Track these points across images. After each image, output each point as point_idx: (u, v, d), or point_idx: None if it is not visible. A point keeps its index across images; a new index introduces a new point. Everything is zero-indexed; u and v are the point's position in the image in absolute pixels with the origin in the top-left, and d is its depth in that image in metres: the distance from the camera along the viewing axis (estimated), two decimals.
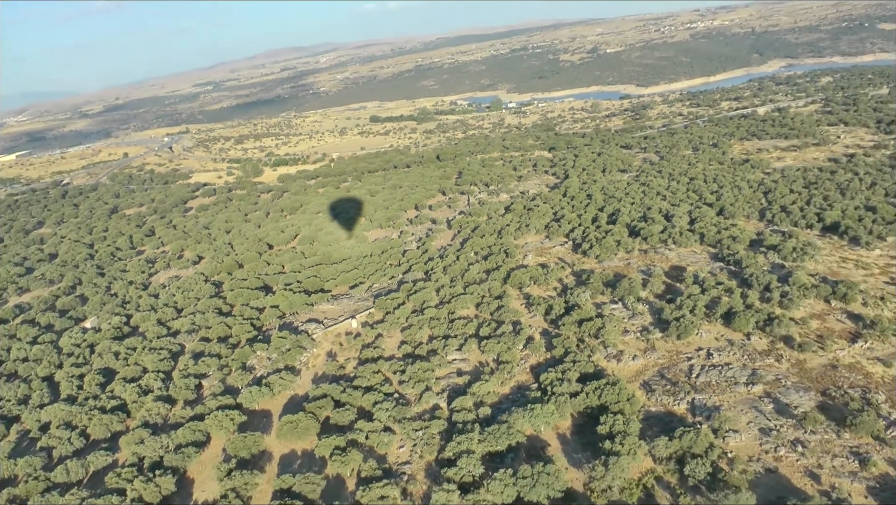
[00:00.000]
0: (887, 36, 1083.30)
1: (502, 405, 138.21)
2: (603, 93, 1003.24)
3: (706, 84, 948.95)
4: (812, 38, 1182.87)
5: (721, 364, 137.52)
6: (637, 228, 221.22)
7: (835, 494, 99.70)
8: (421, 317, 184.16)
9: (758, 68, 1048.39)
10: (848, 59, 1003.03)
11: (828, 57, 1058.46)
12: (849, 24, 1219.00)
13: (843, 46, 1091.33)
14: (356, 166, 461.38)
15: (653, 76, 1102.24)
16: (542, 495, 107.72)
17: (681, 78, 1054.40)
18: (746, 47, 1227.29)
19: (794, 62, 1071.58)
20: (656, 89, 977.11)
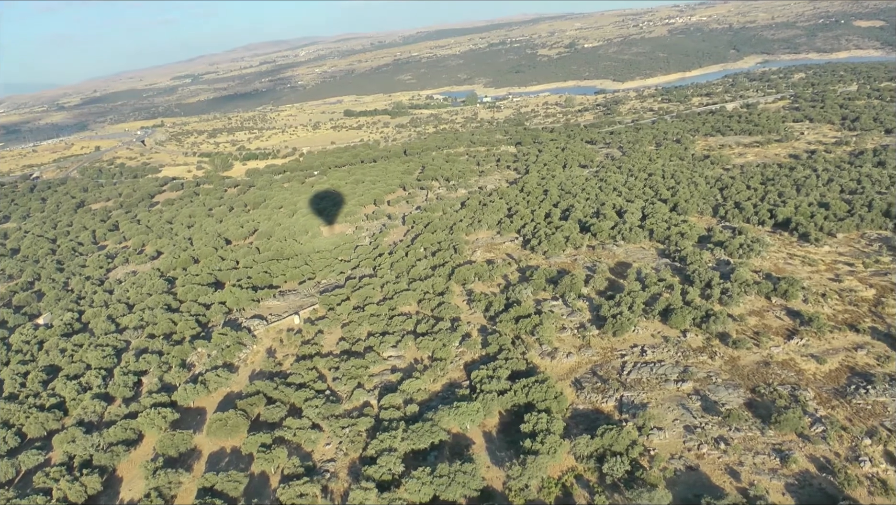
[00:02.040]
0: (862, 33, 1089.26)
1: (432, 403, 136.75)
2: (579, 88, 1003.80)
3: (682, 80, 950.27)
4: (788, 35, 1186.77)
5: (654, 361, 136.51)
6: (588, 224, 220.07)
7: (752, 491, 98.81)
8: (362, 313, 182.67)
9: (734, 64, 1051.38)
10: (823, 55, 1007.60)
11: (803, 53, 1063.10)
12: (825, 21, 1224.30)
13: (819, 43, 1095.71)
14: (324, 161, 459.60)
15: (629, 71, 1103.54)
16: (457, 494, 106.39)
17: (657, 73, 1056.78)
18: (723, 43, 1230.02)
19: (770, 58, 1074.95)
20: (632, 84, 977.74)
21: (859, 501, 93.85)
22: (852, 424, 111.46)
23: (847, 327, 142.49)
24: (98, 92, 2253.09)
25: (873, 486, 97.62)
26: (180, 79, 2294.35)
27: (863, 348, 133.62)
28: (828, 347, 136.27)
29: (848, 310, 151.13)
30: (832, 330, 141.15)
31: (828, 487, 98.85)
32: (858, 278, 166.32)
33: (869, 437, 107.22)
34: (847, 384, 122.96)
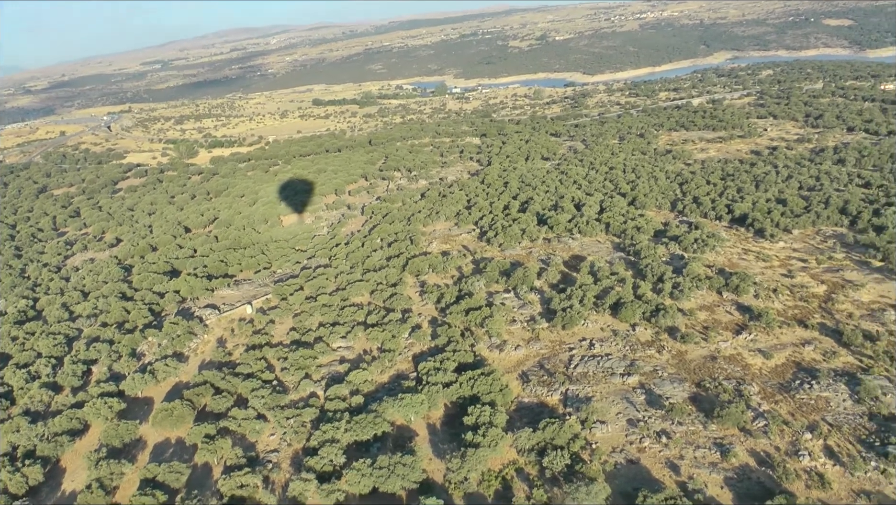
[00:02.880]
0: (831, 31, 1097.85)
1: (378, 394, 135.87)
2: (549, 80, 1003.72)
3: (651, 74, 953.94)
4: (759, 32, 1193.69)
5: (601, 355, 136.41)
6: (546, 217, 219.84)
7: (690, 485, 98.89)
8: (314, 303, 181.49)
9: (704, 60, 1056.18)
10: (792, 52, 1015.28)
11: (773, 50, 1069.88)
12: (795, 19, 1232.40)
13: (788, 40, 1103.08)
14: (289, 150, 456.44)
15: (599, 65, 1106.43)
16: (397, 486, 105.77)
17: (627, 67, 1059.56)
18: (694, 39, 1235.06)
19: (739, 54, 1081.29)
20: (601, 78, 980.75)
21: (796, 495, 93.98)
22: (794, 419, 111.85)
23: (796, 323, 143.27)
24: (66, 76, 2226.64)
25: (811, 479, 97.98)
26: (150, 64, 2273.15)
27: (810, 344, 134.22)
28: (776, 342, 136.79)
29: (798, 305, 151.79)
30: (781, 325, 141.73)
31: (766, 480, 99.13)
32: (811, 274, 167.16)
33: (810, 431, 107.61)
34: (792, 379, 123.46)
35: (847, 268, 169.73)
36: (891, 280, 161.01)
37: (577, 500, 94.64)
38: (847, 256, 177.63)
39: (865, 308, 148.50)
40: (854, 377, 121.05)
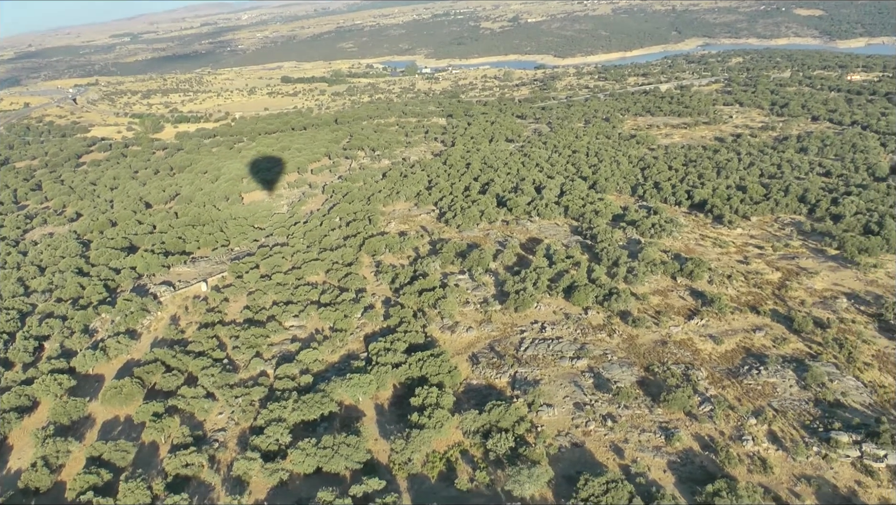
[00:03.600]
0: (802, 21, 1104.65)
1: (328, 374, 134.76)
2: (520, 62, 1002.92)
3: (622, 59, 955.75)
4: (730, 19, 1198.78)
5: (552, 338, 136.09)
6: (505, 199, 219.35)
7: (633, 468, 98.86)
8: (269, 282, 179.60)
9: (675, 46, 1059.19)
10: (763, 41, 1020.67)
11: (744, 38, 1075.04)
12: (766, 8, 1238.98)
13: (759, 28, 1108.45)
14: (255, 127, 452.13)
15: (570, 48, 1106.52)
16: (340, 466, 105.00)
17: (598, 51, 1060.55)
18: (666, 25, 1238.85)
19: (711, 41, 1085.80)
20: (572, 61, 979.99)
21: (737, 479, 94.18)
22: (741, 404, 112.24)
23: (748, 309, 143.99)
24: (33, 47, 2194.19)
25: (753, 464, 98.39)
26: (119, 37, 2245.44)
27: (761, 330, 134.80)
28: (727, 327, 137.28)
29: (752, 292, 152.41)
30: (733, 311, 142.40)
31: (709, 464, 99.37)
32: (766, 261, 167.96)
33: (755, 416, 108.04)
34: (741, 365, 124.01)
35: (803, 255, 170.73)
36: (845, 268, 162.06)
37: (518, 483, 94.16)
38: (803, 244, 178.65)
39: (818, 295, 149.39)
40: (802, 364, 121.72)
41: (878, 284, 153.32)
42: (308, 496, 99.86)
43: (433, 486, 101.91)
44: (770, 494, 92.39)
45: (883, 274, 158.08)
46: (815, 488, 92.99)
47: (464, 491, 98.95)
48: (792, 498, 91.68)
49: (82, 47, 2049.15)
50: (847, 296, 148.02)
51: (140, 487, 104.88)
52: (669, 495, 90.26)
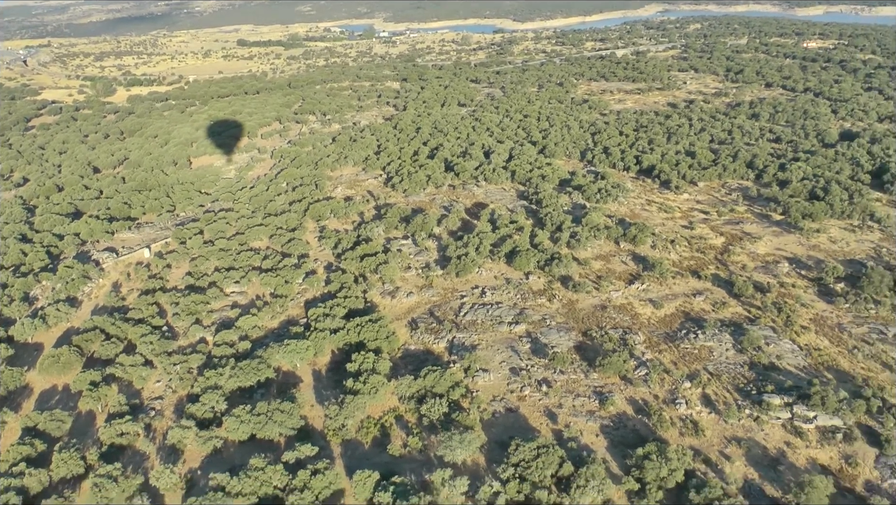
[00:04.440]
0: None
1: (266, 340, 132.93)
2: (479, 26, 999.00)
3: (582, 24, 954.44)
4: None
5: (492, 303, 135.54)
6: (453, 164, 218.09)
7: (566, 432, 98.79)
8: (212, 248, 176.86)
9: (635, 11, 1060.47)
10: (722, 7, 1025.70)
11: (703, 4, 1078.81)
12: None
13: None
14: (208, 91, 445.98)
15: (530, 12, 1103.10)
16: (274, 433, 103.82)
17: (557, 16, 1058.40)
18: None
19: (670, 7, 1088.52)
20: (531, 25, 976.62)
21: (668, 442, 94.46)
22: (676, 368, 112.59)
23: (690, 274, 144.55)
24: None
25: (685, 427, 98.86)
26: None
27: (701, 294, 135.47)
28: (668, 292, 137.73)
29: (695, 257, 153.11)
30: (675, 276, 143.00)
31: (642, 428, 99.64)
32: (711, 226, 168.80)
33: (690, 380, 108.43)
34: (679, 329, 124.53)
35: (747, 221, 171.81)
36: (789, 233, 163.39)
37: (450, 448, 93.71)
38: (749, 209, 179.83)
39: (760, 260, 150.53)
40: (740, 327, 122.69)
41: (820, 249, 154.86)
42: (242, 463, 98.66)
43: (367, 451, 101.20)
44: (700, 456, 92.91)
45: (825, 239, 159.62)
46: (745, 450, 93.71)
47: (396, 457, 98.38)
48: (721, 460, 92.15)
49: (35, 7, 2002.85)
50: (789, 260, 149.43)
51: (73, 458, 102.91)
52: (600, 459, 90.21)
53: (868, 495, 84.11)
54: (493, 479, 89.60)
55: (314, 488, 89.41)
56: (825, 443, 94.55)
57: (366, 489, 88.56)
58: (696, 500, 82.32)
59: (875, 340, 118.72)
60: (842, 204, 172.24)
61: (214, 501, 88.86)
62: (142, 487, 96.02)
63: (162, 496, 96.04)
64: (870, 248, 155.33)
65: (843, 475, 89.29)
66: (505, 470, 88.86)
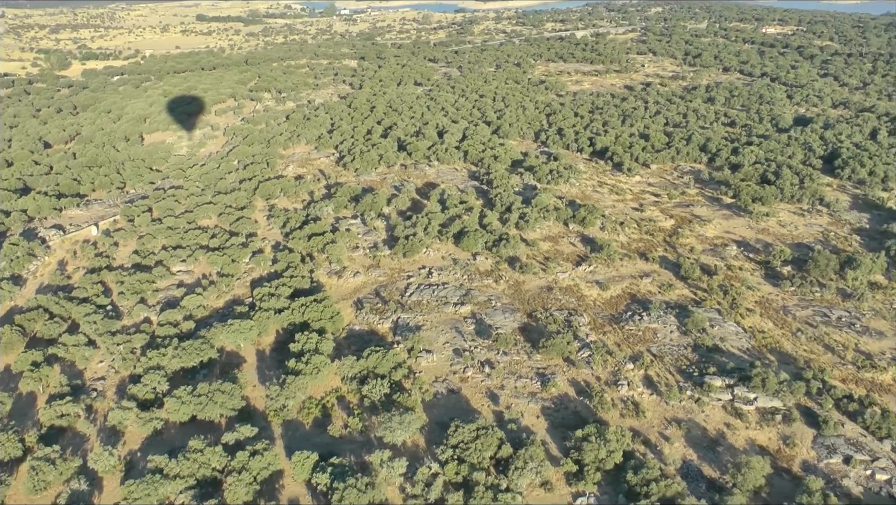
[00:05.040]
0: None
1: (211, 319, 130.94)
2: (441, 5, 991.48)
3: (544, 4, 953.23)
4: None
5: (438, 283, 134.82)
6: (406, 143, 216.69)
7: (507, 414, 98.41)
8: (160, 226, 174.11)
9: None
10: None
11: None
12: None
13: None
14: (164, 66, 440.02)
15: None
16: (215, 414, 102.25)
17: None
18: None
19: None
20: (493, 6, 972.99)
21: (608, 423, 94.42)
22: (620, 350, 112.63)
23: (638, 256, 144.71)
24: None
25: (626, 408, 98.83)
26: None
27: (649, 276, 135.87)
28: (615, 274, 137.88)
29: (643, 239, 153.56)
30: (622, 258, 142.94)
31: (583, 410, 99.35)
32: (661, 209, 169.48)
33: (632, 361, 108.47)
34: (624, 311, 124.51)
35: (698, 203, 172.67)
36: (738, 217, 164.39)
37: (389, 429, 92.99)
38: (700, 192, 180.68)
39: (709, 243, 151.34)
40: (685, 310, 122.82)
41: (768, 232, 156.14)
42: (182, 445, 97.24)
43: (307, 432, 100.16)
44: (640, 437, 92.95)
45: (774, 222, 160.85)
46: (685, 431, 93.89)
47: (336, 438, 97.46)
48: (661, 441, 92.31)
49: None
50: (737, 243, 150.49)
51: (11, 440, 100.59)
52: (539, 441, 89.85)
53: (804, 475, 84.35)
54: (432, 460, 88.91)
55: (252, 470, 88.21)
56: (764, 424, 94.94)
57: (304, 470, 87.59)
58: (634, 481, 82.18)
59: (819, 322, 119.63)
60: (792, 188, 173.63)
61: (152, 483, 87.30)
62: (80, 469, 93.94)
63: (100, 479, 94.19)
64: (818, 232, 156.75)
65: (781, 456, 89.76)
66: (444, 452, 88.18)
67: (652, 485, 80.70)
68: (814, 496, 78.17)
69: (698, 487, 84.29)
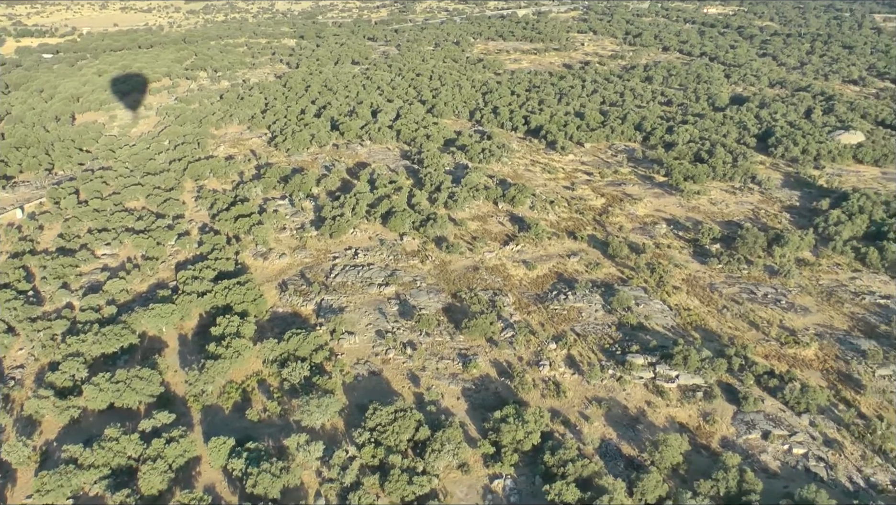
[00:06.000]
0: None
1: (134, 304, 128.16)
2: None
3: None
4: None
5: (364, 264, 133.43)
6: (339, 123, 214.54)
7: (427, 395, 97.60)
8: (86, 208, 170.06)
9: None
10: None
11: None
12: None
13: None
14: (101, 44, 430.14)
15: None
16: (133, 401, 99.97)
17: None
18: None
19: None
20: None
21: (528, 404, 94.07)
22: (544, 329, 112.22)
23: (567, 235, 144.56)
24: None
25: (547, 389, 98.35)
26: None
27: (576, 255, 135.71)
28: (542, 253, 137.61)
29: (573, 218, 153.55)
30: (551, 237, 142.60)
31: (503, 391, 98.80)
32: (592, 188, 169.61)
33: (555, 341, 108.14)
34: (550, 290, 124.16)
35: (630, 182, 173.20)
36: (670, 195, 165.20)
37: (307, 412, 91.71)
38: (633, 171, 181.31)
39: (639, 221, 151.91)
40: (611, 288, 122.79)
41: (699, 210, 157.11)
42: (100, 433, 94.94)
43: (227, 417, 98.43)
44: (559, 417, 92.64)
45: (705, 200, 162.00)
46: (605, 410, 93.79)
47: (255, 422, 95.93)
48: (581, 420, 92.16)
49: None
50: (667, 222, 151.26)
51: None
52: (457, 423, 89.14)
53: (722, 451, 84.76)
54: (350, 443, 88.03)
55: (168, 457, 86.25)
56: (685, 401, 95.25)
57: (220, 456, 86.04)
58: (551, 462, 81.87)
59: (745, 299, 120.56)
60: (725, 167, 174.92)
61: (65, 474, 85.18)
62: None
63: (14, 471, 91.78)
64: (748, 209, 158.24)
65: (701, 432, 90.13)
66: (361, 434, 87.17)
67: (569, 465, 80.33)
68: (730, 472, 78.31)
69: (616, 466, 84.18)
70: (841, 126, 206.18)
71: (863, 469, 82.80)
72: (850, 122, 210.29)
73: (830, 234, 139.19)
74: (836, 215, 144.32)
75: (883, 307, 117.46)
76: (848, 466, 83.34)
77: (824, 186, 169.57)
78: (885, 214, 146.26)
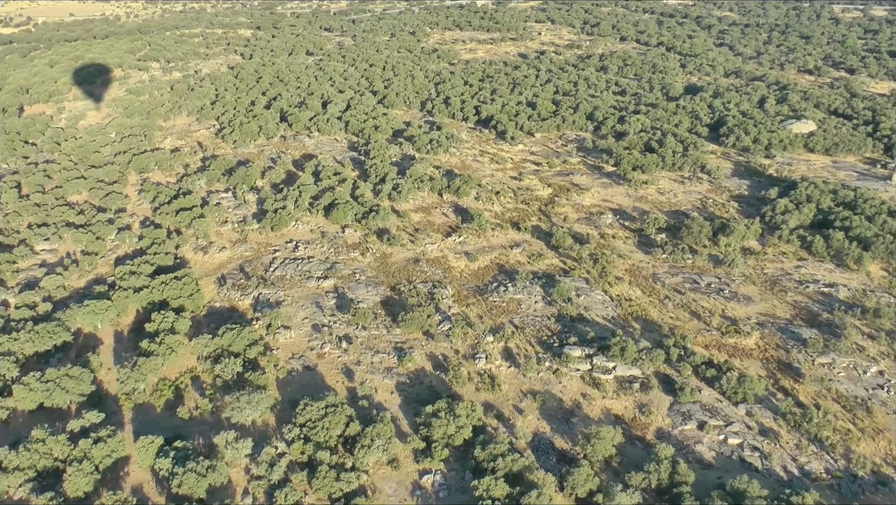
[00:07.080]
0: None
1: (70, 300, 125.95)
2: None
3: None
4: None
5: (304, 257, 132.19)
6: (288, 114, 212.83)
7: (360, 390, 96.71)
8: (27, 202, 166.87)
9: None
10: None
11: None
12: None
13: None
14: (55, 34, 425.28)
15: None
16: (64, 400, 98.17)
17: None
18: None
19: None
20: None
21: (462, 398, 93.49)
22: (482, 322, 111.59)
23: (511, 225, 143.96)
24: None
25: (482, 382, 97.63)
26: None
27: (519, 246, 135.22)
28: (485, 244, 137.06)
29: (518, 208, 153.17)
30: (494, 228, 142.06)
31: (438, 384, 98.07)
32: (540, 178, 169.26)
33: (493, 333, 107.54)
34: (491, 282, 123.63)
35: (578, 172, 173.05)
36: (618, 185, 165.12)
37: (238, 409, 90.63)
38: (582, 161, 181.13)
39: (585, 211, 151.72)
40: (553, 279, 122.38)
41: (646, 200, 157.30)
42: (28, 434, 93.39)
43: (158, 415, 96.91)
44: (493, 410, 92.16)
45: (653, 190, 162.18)
46: (540, 403, 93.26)
47: (186, 420, 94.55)
48: (514, 414, 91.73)
49: None
50: (614, 212, 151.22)
51: None
52: (388, 418, 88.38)
53: (657, 443, 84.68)
54: (280, 440, 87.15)
55: (94, 458, 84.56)
56: (622, 393, 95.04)
57: (148, 455, 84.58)
58: (481, 456, 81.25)
59: (687, 289, 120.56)
60: (674, 156, 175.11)
61: None
62: None
63: None
64: (696, 199, 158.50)
65: (636, 424, 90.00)
66: (291, 431, 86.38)
67: (499, 460, 79.59)
68: (662, 464, 78.19)
69: (548, 460, 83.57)
70: (793, 115, 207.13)
71: (797, 458, 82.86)
72: (802, 111, 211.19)
73: (777, 222, 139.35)
74: (784, 204, 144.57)
75: (826, 295, 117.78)
76: (783, 455, 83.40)
77: (774, 175, 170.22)
78: (832, 203, 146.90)
